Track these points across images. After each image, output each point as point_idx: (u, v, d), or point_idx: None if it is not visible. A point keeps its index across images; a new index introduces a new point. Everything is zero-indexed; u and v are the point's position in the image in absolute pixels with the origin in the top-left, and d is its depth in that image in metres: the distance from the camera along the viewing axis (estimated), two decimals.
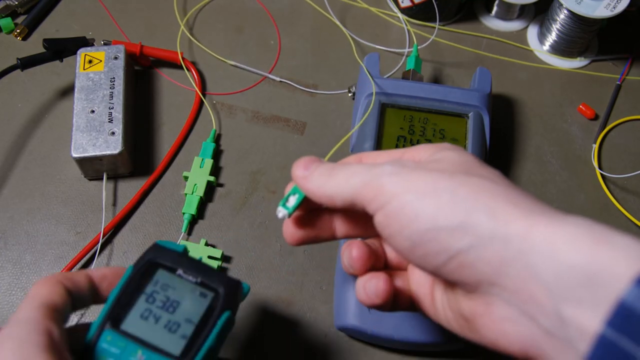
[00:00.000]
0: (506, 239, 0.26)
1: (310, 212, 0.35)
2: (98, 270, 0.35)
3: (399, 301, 0.35)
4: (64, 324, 0.32)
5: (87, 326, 0.34)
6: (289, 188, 0.35)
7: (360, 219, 0.35)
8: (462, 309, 0.30)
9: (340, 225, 0.35)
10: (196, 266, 0.36)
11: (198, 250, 0.50)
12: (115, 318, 0.34)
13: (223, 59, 0.61)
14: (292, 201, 0.34)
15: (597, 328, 0.23)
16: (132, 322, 0.34)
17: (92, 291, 0.34)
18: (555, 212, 0.27)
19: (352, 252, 0.33)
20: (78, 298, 0.33)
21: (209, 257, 0.49)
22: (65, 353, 0.29)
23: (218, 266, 0.49)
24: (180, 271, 0.36)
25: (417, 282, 0.35)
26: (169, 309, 0.35)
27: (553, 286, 0.24)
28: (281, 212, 0.34)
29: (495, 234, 0.26)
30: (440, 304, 0.33)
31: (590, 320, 0.23)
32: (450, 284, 0.30)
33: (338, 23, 0.64)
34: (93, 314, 0.47)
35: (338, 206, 0.32)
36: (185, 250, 0.37)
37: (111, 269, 0.36)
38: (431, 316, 0.34)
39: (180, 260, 0.36)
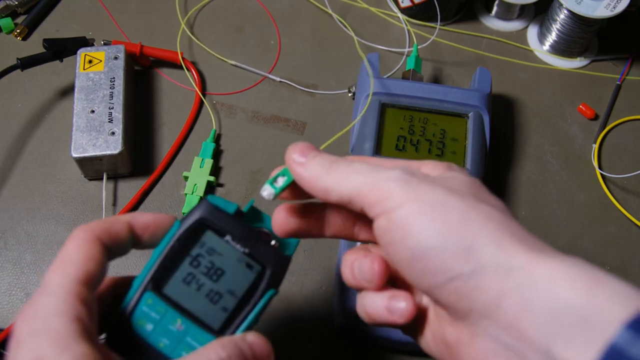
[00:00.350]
0: (508, 271, 0.25)
1: (303, 205, 0.34)
2: (140, 217, 0.33)
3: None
4: (95, 292, 0.30)
5: (117, 281, 0.33)
6: (276, 171, 0.32)
7: (350, 219, 0.33)
8: (445, 335, 0.30)
9: (329, 223, 0.33)
10: (247, 234, 0.34)
11: None
12: (157, 280, 0.32)
13: (224, 59, 0.61)
14: (281, 182, 0.32)
15: None
16: (175, 287, 0.32)
17: (131, 241, 0.32)
18: (556, 251, 0.27)
19: (374, 265, 0.31)
20: (116, 251, 0.32)
21: None
22: (94, 335, 0.28)
23: None
24: (229, 237, 0.33)
25: None
26: (212, 277, 0.33)
27: (546, 323, 0.24)
28: (267, 190, 0.32)
29: (499, 264, 0.26)
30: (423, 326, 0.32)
31: None
32: (439, 306, 0.29)
33: (338, 21, 0.64)
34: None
35: (331, 201, 0.30)
36: (237, 211, 0.34)
37: (154, 217, 0.33)
38: (410, 335, 0.33)
39: (230, 223, 0.33)
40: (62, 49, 0.56)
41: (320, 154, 0.31)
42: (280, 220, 0.33)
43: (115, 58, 0.55)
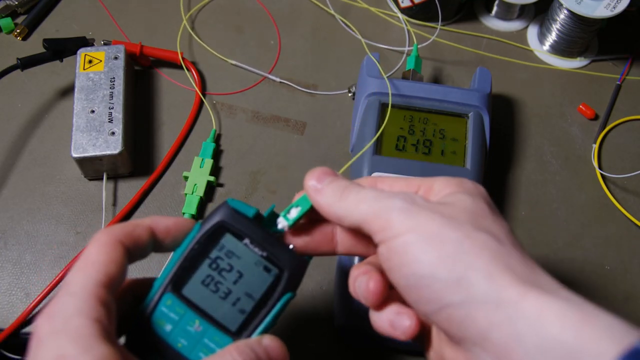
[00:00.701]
0: (497, 303, 0.26)
1: (313, 222, 0.35)
2: (161, 221, 0.33)
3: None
4: (115, 295, 0.31)
5: (136, 282, 0.34)
6: (297, 196, 0.34)
7: (364, 239, 0.34)
8: (444, 354, 0.31)
9: (342, 241, 0.35)
10: (265, 237, 0.34)
11: None
12: (177, 281, 0.33)
13: (224, 58, 0.61)
14: (294, 213, 0.34)
15: None
16: (194, 288, 0.33)
17: (152, 245, 0.33)
18: (550, 283, 0.27)
19: (369, 285, 0.32)
20: (137, 254, 0.32)
21: None
22: (113, 337, 0.29)
23: None
24: (247, 240, 0.34)
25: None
26: (230, 279, 0.33)
27: (536, 357, 0.25)
28: (281, 223, 0.34)
29: (488, 296, 0.26)
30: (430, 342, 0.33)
31: None
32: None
33: (340, 21, 0.64)
34: None
35: (345, 227, 0.32)
36: (256, 215, 0.35)
37: (175, 221, 0.34)
38: (418, 344, 0.34)
39: (249, 227, 0.34)
40: (62, 49, 0.56)
41: (335, 179, 0.33)
42: (289, 242, 0.35)
43: (115, 58, 0.55)
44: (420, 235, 0.28)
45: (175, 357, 0.32)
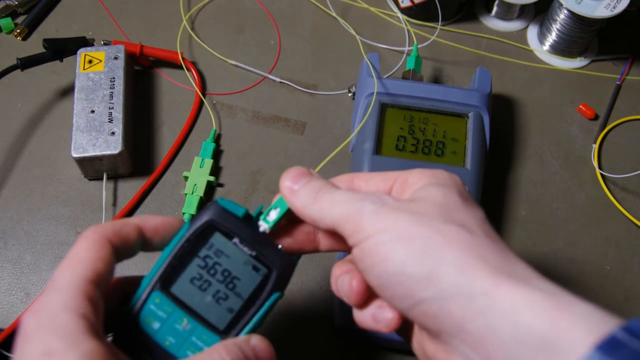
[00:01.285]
0: (470, 296, 0.26)
1: (294, 222, 0.35)
2: (149, 220, 0.33)
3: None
4: (102, 293, 0.31)
5: (124, 280, 0.34)
6: (276, 198, 0.34)
7: (342, 237, 0.34)
8: (425, 348, 0.31)
9: (323, 240, 0.35)
10: (254, 237, 0.34)
11: None
12: (165, 279, 0.33)
13: (224, 58, 0.61)
14: (273, 215, 0.34)
15: None
16: (182, 287, 0.33)
17: (140, 244, 0.33)
18: (525, 272, 0.27)
19: (352, 284, 0.32)
20: (125, 252, 0.32)
21: None
22: (101, 333, 0.29)
23: None
24: (236, 239, 0.34)
25: None
26: (219, 278, 0.34)
27: (511, 348, 0.25)
28: (262, 225, 0.34)
29: (460, 289, 0.26)
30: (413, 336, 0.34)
31: None
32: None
33: (340, 21, 0.64)
34: None
35: (321, 229, 0.32)
36: (246, 215, 0.35)
37: (163, 220, 0.34)
38: (403, 338, 0.35)
39: (239, 226, 0.34)
40: (62, 49, 0.56)
41: (311, 179, 0.33)
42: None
43: (115, 58, 0.55)
44: (391, 235, 0.28)
45: (163, 355, 0.32)
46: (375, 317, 0.32)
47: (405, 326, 0.34)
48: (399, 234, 0.28)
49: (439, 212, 0.29)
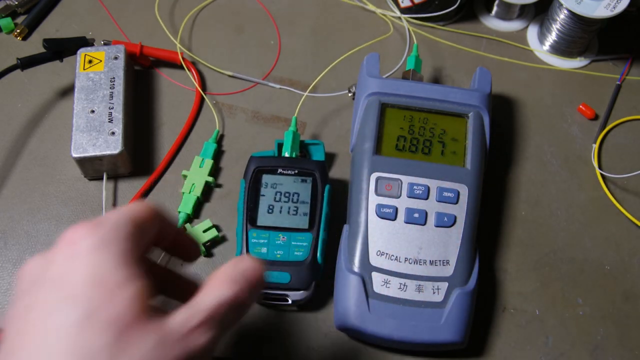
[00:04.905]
0: None
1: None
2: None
3: None
4: (147, 242, 0.32)
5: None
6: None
7: None
8: None
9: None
10: (290, 161, 0.49)
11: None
12: (251, 220, 0.47)
13: (221, 71, 0.61)
14: (289, 142, 0.52)
15: None
16: (264, 217, 0.47)
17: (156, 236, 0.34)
18: None
19: None
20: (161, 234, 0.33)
21: (205, 256, 0.50)
22: (144, 265, 0.30)
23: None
24: (280, 170, 0.48)
25: None
26: (284, 200, 0.48)
27: None
28: (286, 154, 0.51)
29: None
30: None
31: None
32: None
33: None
34: None
35: None
36: (274, 153, 0.51)
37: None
38: None
39: (275, 161, 0.49)
40: (62, 49, 0.56)
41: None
42: None
43: (115, 58, 0.55)
44: None
45: (278, 264, 0.45)
46: None
47: None
48: None
49: None
